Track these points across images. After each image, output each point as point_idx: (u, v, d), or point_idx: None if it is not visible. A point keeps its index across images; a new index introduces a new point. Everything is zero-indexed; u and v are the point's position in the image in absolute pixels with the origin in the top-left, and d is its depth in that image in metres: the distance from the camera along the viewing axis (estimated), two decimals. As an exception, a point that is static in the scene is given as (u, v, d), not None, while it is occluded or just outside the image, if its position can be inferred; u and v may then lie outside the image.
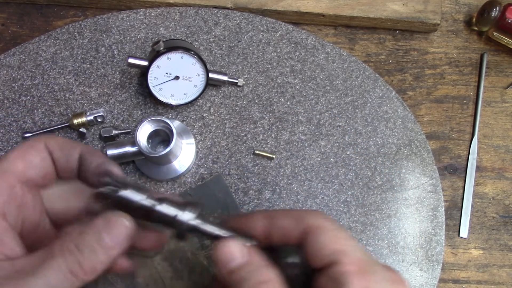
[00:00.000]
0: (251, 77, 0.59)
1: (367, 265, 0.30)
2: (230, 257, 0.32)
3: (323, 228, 0.31)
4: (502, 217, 0.60)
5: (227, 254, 0.32)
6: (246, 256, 0.32)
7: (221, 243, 0.33)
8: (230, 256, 0.32)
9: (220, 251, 0.32)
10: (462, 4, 0.65)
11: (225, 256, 0.32)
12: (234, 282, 0.31)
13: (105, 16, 0.59)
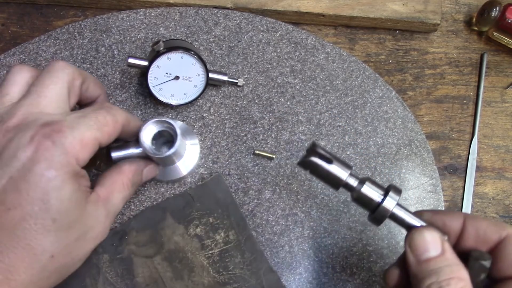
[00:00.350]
0: (251, 77, 0.59)
1: None
2: (426, 246, 0.32)
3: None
4: (502, 217, 0.60)
5: (424, 243, 0.32)
6: (441, 249, 0.32)
7: (419, 231, 0.33)
8: (426, 246, 0.32)
9: (417, 239, 0.32)
10: (462, 4, 0.65)
11: (421, 244, 0.32)
12: (424, 272, 0.31)
13: (105, 16, 0.59)
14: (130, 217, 0.54)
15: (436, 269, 0.31)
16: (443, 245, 0.32)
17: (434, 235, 0.33)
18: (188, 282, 0.52)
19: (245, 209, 0.56)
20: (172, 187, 0.56)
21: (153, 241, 0.53)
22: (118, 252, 0.52)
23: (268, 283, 0.53)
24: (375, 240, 0.57)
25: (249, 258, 0.53)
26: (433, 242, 0.32)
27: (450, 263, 0.31)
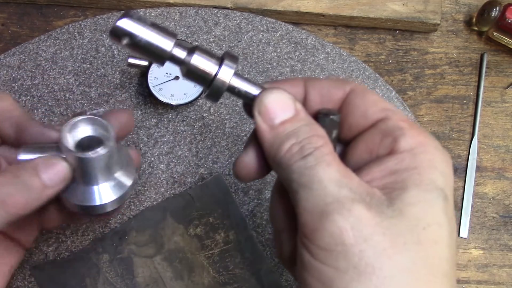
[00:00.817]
0: (251, 77, 0.59)
1: (415, 124, 0.30)
2: (278, 108, 0.29)
3: (369, 90, 0.31)
4: (502, 217, 0.60)
5: (275, 105, 0.29)
6: (294, 110, 0.29)
7: (268, 92, 0.29)
8: (278, 107, 0.29)
9: (267, 101, 0.29)
10: (462, 4, 0.65)
11: (273, 106, 0.29)
12: (281, 137, 0.28)
13: (105, 16, 0.59)
14: (130, 217, 0.54)
15: (293, 130, 0.28)
16: (295, 104, 0.29)
17: (284, 96, 0.29)
18: (188, 282, 0.52)
19: (245, 209, 0.56)
20: (172, 187, 0.56)
21: (153, 241, 0.53)
22: (118, 252, 0.52)
23: (268, 283, 0.53)
24: (375, 240, 0.57)
25: (249, 258, 0.53)
26: (284, 102, 0.29)
27: (307, 122, 0.29)
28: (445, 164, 0.28)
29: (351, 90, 0.31)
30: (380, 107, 0.30)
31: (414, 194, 0.26)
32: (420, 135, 0.28)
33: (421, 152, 0.28)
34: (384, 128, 0.29)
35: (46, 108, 0.57)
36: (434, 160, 0.28)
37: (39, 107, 0.57)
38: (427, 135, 0.29)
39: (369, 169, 0.28)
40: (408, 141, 0.28)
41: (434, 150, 0.28)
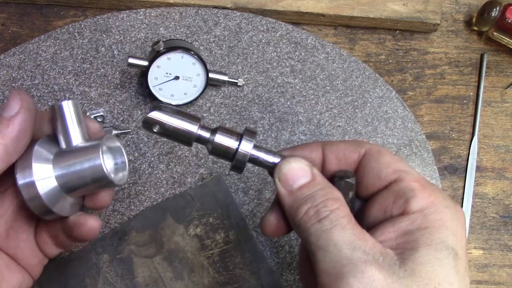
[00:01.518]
0: (251, 77, 0.59)
1: (429, 184, 0.31)
2: (295, 174, 0.31)
3: (383, 151, 0.32)
4: (502, 217, 0.60)
5: (292, 172, 0.31)
6: (311, 175, 0.32)
7: (286, 161, 0.32)
8: (296, 174, 0.31)
9: (285, 169, 0.32)
10: (462, 4, 0.65)
11: (290, 173, 0.31)
12: (298, 201, 0.31)
13: (105, 16, 0.59)
14: (130, 217, 0.54)
15: (310, 195, 0.31)
16: (312, 170, 0.32)
17: (301, 163, 0.32)
18: (188, 282, 0.52)
19: (245, 209, 0.56)
20: (172, 187, 0.56)
21: (153, 241, 0.53)
22: (118, 252, 0.52)
23: (268, 283, 0.53)
24: (375, 240, 0.57)
25: (249, 258, 0.53)
26: (301, 169, 0.32)
27: (323, 186, 0.31)
28: (456, 222, 0.30)
29: (366, 153, 0.33)
30: (393, 169, 0.32)
31: (425, 254, 0.28)
32: (431, 195, 0.30)
33: (432, 212, 0.29)
34: (396, 190, 0.31)
35: (46, 108, 0.57)
36: (444, 219, 0.29)
37: (39, 107, 0.57)
38: (439, 195, 0.30)
39: (383, 229, 0.30)
40: (419, 202, 0.30)
41: (445, 209, 0.30)
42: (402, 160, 0.32)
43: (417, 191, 0.30)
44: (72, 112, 0.35)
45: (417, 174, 0.32)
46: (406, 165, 0.32)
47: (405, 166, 0.32)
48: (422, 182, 0.31)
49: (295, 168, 0.32)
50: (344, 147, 0.33)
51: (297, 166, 0.32)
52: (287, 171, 0.32)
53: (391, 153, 0.33)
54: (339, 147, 0.33)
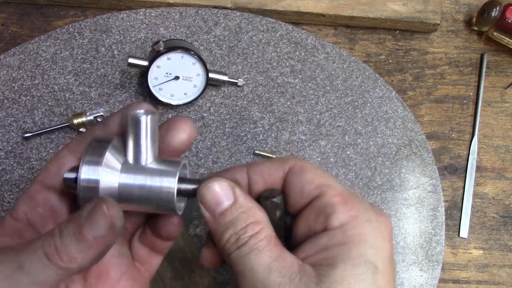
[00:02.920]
0: (251, 77, 0.59)
1: (351, 196, 0.30)
2: (217, 198, 0.30)
3: (306, 167, 0.31)
4: (502, 217, 0.60)
5: (214, 195, 0.30)
6: (233, 197, 0.30)
7: (207, 185, 0.30)
8: (217, 197, 0.30)
9: (206, 193, 0.30)
10: (462, 4, 0.65)
11: (212, 197, 0.30)
12: (222, 227, 0.30)
13: (105, 16, 0.59)
14: (130, 217, 0.54)
15: (231, 220, 0.30)
16: (235, 192, 0.30)
17: (223, 185, 0.30)
18: (188, 282, 0.52)
19: (245, 209, 0.56)
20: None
21: (153, 241, 0.53)
22: (118, 252, 0.52)
23: (268, 283, 0.53)
24: (375, 240, 0.57)
25: (249, 258, 0.53)
26: (223, 191, 0.30)
27: (245, 209, 0.30)
28: (377, 235, 0.29)
29: (290, 170, 0.32)
30: (316, 184, 0.31)
31: (342, 270, 0.27)
32: (352, 209, 0.29)
33: (351, 227, 0.29)
34: (318, 206, 0.30)
35: (46, 108, 0.57)
36: (364, 233, 0.29)
37: (39, 107, 0.57)
38: (360, 208, 0.30)
39: (305, 246, 0.30)
40: (339, 218, 0.29)
41: (365, 223, 0.29)
42: (326, 174, 0.31)
43: (337, 206, 0.29)
44: (148, 129, 0.31)
45: (341, 187, 0.31)
46: (329, 179, 0.31)
47: (328, 180, 0.31)
48: (344, 196, 0.30)
49: (217, 191, 0.30)
50: (269, 166, 0.32)
51: (218, 188, 0.30)
52: (208, 195, 0.30)
53: (315, 168, 0.32)
54: (264, 166, 0.32)
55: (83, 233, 0.28)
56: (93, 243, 0.28)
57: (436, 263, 0.57)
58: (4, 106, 0.57)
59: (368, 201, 0.31)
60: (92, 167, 0.30)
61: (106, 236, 0.28)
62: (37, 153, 0.56)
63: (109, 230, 0.28)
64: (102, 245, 0.29)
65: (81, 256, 0.28)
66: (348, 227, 0.29)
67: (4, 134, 0.56)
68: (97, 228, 0.28)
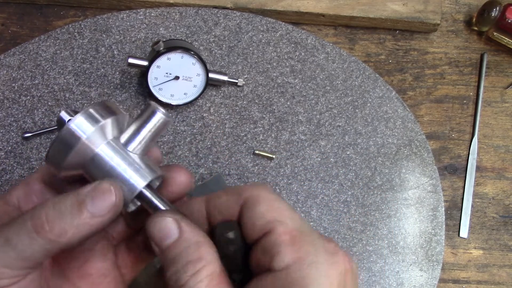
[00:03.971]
0: (251, 77, 0.59)
1: (301, 235, 0.28)
2: (162, 233, 0.29)
3: (260, 199, 0.29)
4: (502, 217, 0.60)
5: (159, 230, 0.29)
6: (178, 232, 0.29)
7: (152, 218, 0.29)
8: (163, 232, 0.29)
9: (152, 227, 0.29)
10: (462, 4, 0.65)
11: (157, 232, 0.29)
12: (167, 262, 0.28)
13: (105, 16, 0.59)
14: (130, 217, 0.54)
15: (175, 256, 0.28)
16: (181, 226, 0.29)
17: (167, 219, 0.29)
18: None
19: (245, 209, 0.56)
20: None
21: (153, 241, 0.53)
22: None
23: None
24: (375, 240, 0.57)
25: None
26: (168, 226, 0.29)
27: (189, 244, 0.28)
28: (325, 278, 0.27)
29: (244, 202, 0.30)
30: (267, 220, 0.28)
31: None
32: (300, 250, 0.27)
33: (295, 270, 0.27)
34: (265, 244, 0.28)
35: (46, 108, 0.57)
36: (309, 277, 0.27)
37: (39, 107, 0.57)
38: (310, 249, 0.27)
39: (252, 285, 0.28)
40: (283, 259, 0.27)
41: (311, 265, 0.27)
42: (282, 207, 0.29)
43: (283, 246, 0.27)
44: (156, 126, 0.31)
45: (293, 224, 0.28)
46: (282, 214, 0.28)
47: (280, 215, 0.28)
48: (293, 235, 0.27)
49: (162, 225, 0.29)
50: (226, 198, 0.30)
51: (164, 223, 0.29)
52: (154, 229, 0.29)
53: (272, 199, 0.29)
54: (221, 199, 0.30)
55: (82, 208, 0.28)
56: (89, 221, 0.28)
57: (436, 263, 0.57)
58: (4, 106, 0.57)
59: (325, 239, 0.29)
60: (88, 121, 0.30)
61: (105, 216, 0.29)
62: (37, 153, 0.56)
63: (109, 212, 0.29)
64: (97, 224, 0.29)
65: (73, 231, 0.28)
66: (291, 270, 0.26)
67: (4, 134, 0.56)
68: (99, 206, 0.28)
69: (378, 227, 0.57)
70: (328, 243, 0.29)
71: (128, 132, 0.32)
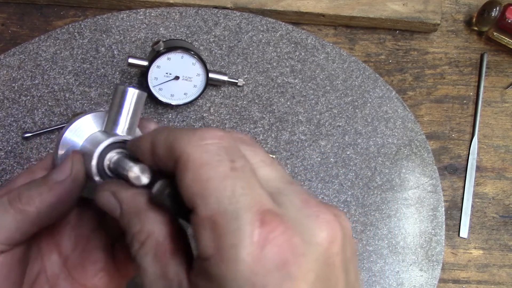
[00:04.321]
0: (251, 77, 0.59)
1: (224, 219, 0.22)
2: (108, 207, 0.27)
3: (189, 162, 0.23)
4: (502, 217, 0.60)
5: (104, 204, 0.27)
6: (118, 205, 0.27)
7: (97, 191, 0.28)
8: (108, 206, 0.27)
9: (97, 201, 0.28)
10: (462, 4, 0.65)
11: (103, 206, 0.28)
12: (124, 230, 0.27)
13: (105, 16, 0.59)
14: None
15: (124, 229, 0.26)
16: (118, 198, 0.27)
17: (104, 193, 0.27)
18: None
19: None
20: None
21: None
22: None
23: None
24: (375, 240, 0.57)
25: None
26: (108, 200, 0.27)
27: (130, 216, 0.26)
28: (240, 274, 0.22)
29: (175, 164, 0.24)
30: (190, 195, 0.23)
31: None
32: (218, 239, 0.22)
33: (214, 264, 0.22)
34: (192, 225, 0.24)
35: (46, 108, 0.57)
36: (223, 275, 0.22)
37: (39, 107, 0.57)
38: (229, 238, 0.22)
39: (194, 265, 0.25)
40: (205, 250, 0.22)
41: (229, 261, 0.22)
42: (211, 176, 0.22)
43: (202, 233, 0.22)
44: (133, 102, 0.31)
45: (217, 202, 0.22)
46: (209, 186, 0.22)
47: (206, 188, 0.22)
48: (214, 218, 0.22)
49: (104, 200, 0.27)
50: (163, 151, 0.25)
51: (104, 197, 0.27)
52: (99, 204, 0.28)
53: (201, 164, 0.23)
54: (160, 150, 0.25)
55: (47, 177, 0.30)
56: (52, 187, 0.30)
57: (436, 263, 0.57)
58: (4, 106, 0.57)
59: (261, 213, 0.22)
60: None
61: (65, 183, 0.30)
62: (37, 153, 0.56)
63: (69, 178, 0.30)
64: (60, 191, 0.30)
65: (39, 198, 0.29)
66: (211, 263, 0.22)
67: (4, 134, 0.56)
68: (59, 173, 0.30)
69: (378, 227, 0.57)
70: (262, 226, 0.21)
71: (110, 119, 0.32)
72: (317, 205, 0.24)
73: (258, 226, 0.21)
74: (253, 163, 0.25)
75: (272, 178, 0.25)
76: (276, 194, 0.24)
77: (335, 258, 0.23)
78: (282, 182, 0.25)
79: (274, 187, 0.24)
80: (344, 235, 0.24)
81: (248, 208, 0.22)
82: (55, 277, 0.34)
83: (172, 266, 0.24)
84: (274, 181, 0.25)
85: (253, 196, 0.22)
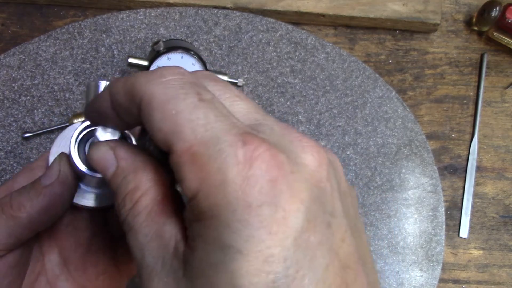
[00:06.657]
0: (251, 77, 0.59)
1: (204, 147, 0.20)
2: (102, 166, 0.26)
3: (154, 102, 0.21)
4: (502, 217, 0.60)
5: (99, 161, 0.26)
6: (115, 162, 0.25)
7: (92, 146, 0.27)
8: (103, 163, 0.26)
9: (91, 157, 0.26)
10: (462, 4, 0.65)
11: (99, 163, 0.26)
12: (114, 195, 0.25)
13: (105, 16, 0.59)
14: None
15: (116, 188, 0.25)
16: (116, 153, 0.25)
17: (102, 148, 0.26)
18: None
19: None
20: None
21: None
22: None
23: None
24: (375, 240, 0.57)
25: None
26: (104, 155, 0.25)
27: (127, 173, 0.24)
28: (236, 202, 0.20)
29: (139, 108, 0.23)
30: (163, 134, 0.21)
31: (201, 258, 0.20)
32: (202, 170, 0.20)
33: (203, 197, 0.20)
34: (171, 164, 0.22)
35: (46, 108, 0.57)
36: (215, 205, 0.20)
37: (39, 107, 0.57)
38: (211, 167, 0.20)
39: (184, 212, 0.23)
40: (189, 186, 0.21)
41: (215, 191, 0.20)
42: (180, 109, 0.21)
43: (185, 169, 0.20)
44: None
45: (193, 133, 0.20)
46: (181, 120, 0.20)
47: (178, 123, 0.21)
48: (194, 150, 0.20)
49: (99, 154, 0.26)
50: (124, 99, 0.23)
51: (100, 151, 0.26)
52: (93, 160, 0.26)
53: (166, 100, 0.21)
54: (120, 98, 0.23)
55: (35, 183, 0.30)
56: (41, 191, 0.30)
57: (436, 263, 0.57)
58: (4, 106, 0.57)
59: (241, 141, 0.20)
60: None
61: (54, 186, 0.30)
62: (37, 153, 0.56)
63: (57, 181, 0.30)
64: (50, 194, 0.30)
65: (29, 204, 0.29)
66: (199, 197, 0.20)
67: (4, 134, 0.56)
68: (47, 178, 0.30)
69: (378, 227, 0.57)
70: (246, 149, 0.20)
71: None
72: (299, 133, 0.22)
73: (240, 146, 0.20)
74: (225, 99, 0.23)
75: (248, 111, 0.23)
76: (255, 125, 0.22)
77: (325, 183, 0.21)
78: (259, 114, 0.23)
79: (252, 119, 0.23)
80: (330, 163, 0.22)
81: (226, 131, 0.20)
82: (56, 278, 0.34)
83: (167, 226, 0.22)
84: (251, 113, 0.23)
85: (229, 122, 0.21)
